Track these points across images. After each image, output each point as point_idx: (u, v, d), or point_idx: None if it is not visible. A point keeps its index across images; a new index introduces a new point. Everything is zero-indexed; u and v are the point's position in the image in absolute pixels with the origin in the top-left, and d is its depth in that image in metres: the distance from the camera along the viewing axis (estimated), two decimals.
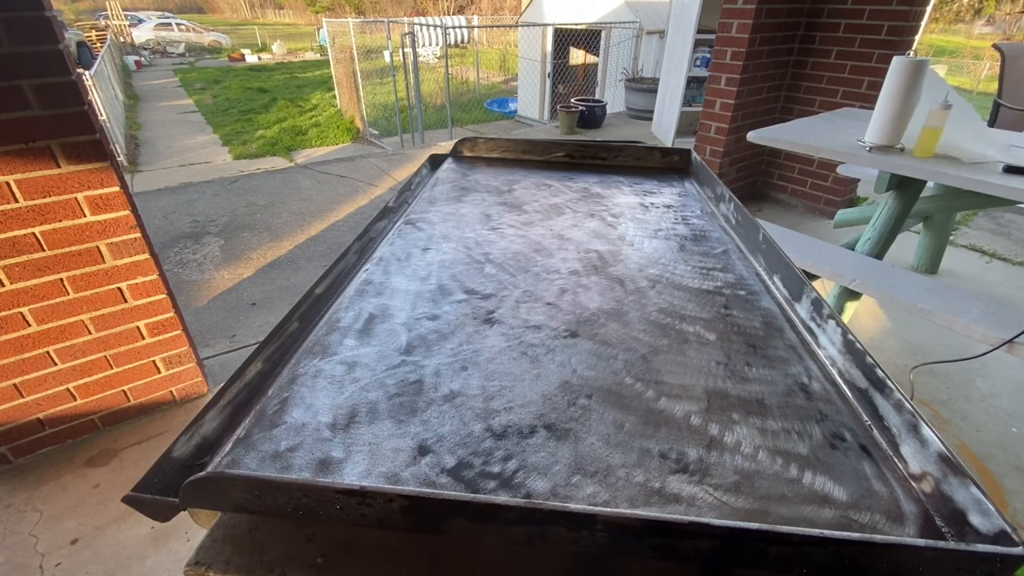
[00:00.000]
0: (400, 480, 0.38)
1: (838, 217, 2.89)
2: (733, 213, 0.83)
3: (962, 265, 3.00)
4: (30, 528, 1.47)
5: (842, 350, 0.51)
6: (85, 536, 1.46)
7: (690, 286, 0.65)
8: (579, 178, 1.04)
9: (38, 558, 1.40)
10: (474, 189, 0.97)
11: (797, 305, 0.60)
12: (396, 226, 0.82)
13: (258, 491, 0.34)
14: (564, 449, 0.41)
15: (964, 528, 0.35)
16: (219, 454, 0.40)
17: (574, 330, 0.56)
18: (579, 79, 7.50)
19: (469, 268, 0.69)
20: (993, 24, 22.64)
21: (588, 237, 0.78)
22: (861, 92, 3.25)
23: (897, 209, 2.26)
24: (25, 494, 1.56)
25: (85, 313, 1.56)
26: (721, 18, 3.24)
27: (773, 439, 0.42)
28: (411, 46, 5.93)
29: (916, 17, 3.04)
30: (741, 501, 0.37)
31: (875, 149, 1.87)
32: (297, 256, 3.00)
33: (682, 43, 4.84)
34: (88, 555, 1.41)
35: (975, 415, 1.94)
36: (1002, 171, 1.67)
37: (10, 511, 1.51)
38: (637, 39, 6.97)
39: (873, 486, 0.39)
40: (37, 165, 1.33)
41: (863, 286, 1.76)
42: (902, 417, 0.42)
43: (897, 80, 1.77)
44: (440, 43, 10.70)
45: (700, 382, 0.49)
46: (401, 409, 0.45)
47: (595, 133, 6.28)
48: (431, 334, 0.55)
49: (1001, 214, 3.65)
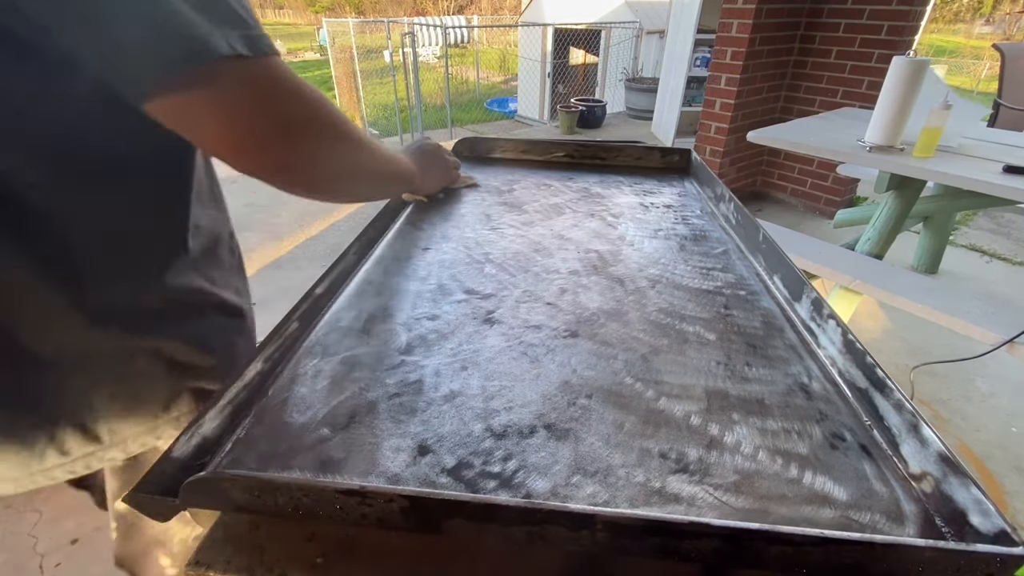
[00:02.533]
0: (400, 480, 0.38)
1: (838, 217, 2.89)
2: (733, 213, 0.83)
3: (962, 265, 3.00)
4: (30, 528, 1.47)
5: (842, 350, 0.51)
6: (85, 536, 1.46)
7: (690, 286, 0.65)
8: (579, 178, 1.04)
9: (38, 558, 1.40)
10: (474, 189, 0.97)
11: (797, 305, 0.60)
12: (396, 226, 0.82)
13: (258, 491, 0.34)
14: (564, 449, 0.41)
15: (964, 528, 0.35)
16: (219, 454, 0.40)
17: (574, 330, 0.56)
18: (579, 79, 7.50)
19: (469, 268, 0.69)
20: (993, 24, 22.65)
21: (588, 237, 0.78)
22: (861, 92, 3.25)
23: (897, 209, 2.27)
24: (25, 494, 1.56)
25: None
26: (721, 18, 3.24)
27: (773, 439, 0.42)
28: (411, 46, 5.93)
29: (916, 17, 3.04)
30: (741, 501, 0.37)
31: (875, 149, 1.87)
32: (297, 256, 3.00)
33: (682, 43, 4.84)
34: (88, 555, 1.41)
35: (975, 415, 1.94)
36: (1002, 171, 1.67)
37: (10, 511, 1.51)
38: (637, 39, 6.97)
39: (873, 486, 0.39)
40: None
41: (863, 286, 1.77)
42: (902, 417, 0.42)
43: (897, 80, 1.77)
44: (440, 43, 10.70)
45: (700, 382, 0.49)
46: (401, 409, 0.45)
47: (595, 133, 6.28)
48: (431, 334, 0.55)
49: (1001, 214, 3.65)
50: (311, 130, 0.45)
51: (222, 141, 0.41)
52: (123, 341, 0.49)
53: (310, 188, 0.49)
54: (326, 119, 0.47)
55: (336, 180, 0.53)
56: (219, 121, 0.40)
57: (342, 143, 0.50)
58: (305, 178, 0.48)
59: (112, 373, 0.50)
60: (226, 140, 0.41)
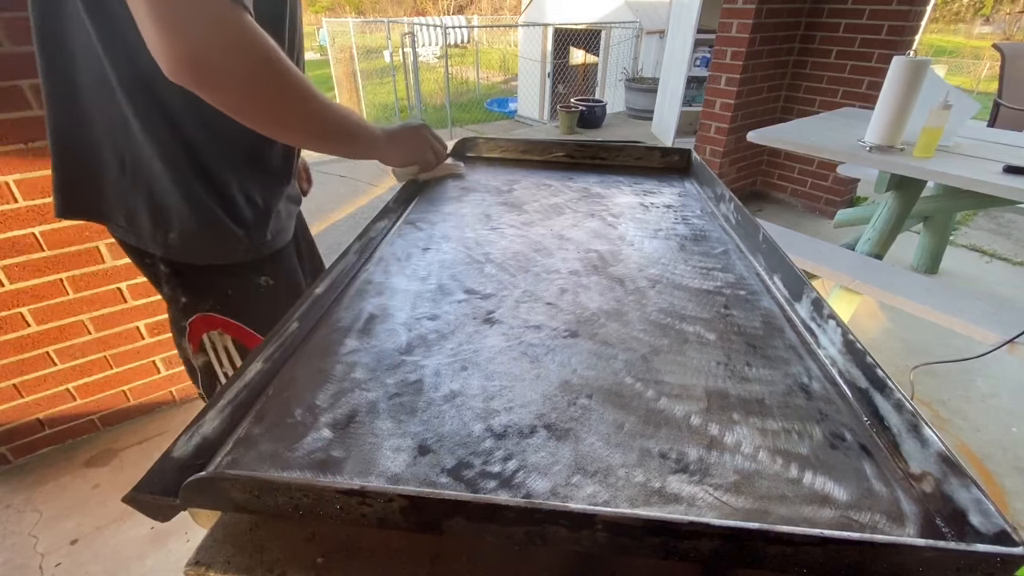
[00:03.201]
0: (400, 480, 0.38)
1: (838, 217, 2.89)
2: (733, 213, 0.83)
3: (962, 265, 3.00)
4: (30, 528, 1.47)
5: (842, 350, 0.51)
6: (85, 536, 1.46)
7: (690, 286, 0.65)
8: (579, 178, 1.04)
9: (38, 558, 1.40)
10: (474, 189, 0.97)
11: (797, 305, 0.60)
12: (396, 226, 0.82)
13: (258, 491, 0.34)
14: (564, 449, 0.41)
15: (964, 528, 0.35)
16: (219, 454, 0.40)
17: (574, 330, 0.56)
18: (579, 79, 7.50)
19: (469, 268, 0.69)
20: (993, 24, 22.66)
21: (588, 237, 0.78)
22: (861, 92, 3.25)
23: (897, 209, 2.27)
24: (25, 494, 1.56)
25: (85, 313, 1.56)
26: (721, 18, 3.24)
27: (773, 439, 0.42)
28: (411, 46, 5.93)
29: (916, 17, 3.04)
30: (741, 501, 0.37)
31: (875, 149, 1.87)
32: None
33: (682, 43, 4.85)
34: (88, 555, 1.41)
35: (975, 415, 1.94)
36: (1002, 171, 1.67)
37: (10, 511, 1.51)
38: (637, 39, 6.97)
39: (873, 486, 0.39)
40: (37, 165, 1.33)
41: (863, 286, 1.77)
42: (902, 417, 0.42)
43: (897, 80, 1.77)
44: (440, 43, 10.70)
45: (700, 382, 0.49)
46: (401, 409, 0.45)
47: (595, 133, 6.28)
48: (431, 334, 0.55)
49: (1001, 214, 3.65)
50: (249, 58, 0.55)
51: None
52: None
53: (243, 112, 0.59)
54: (276, 64, 0.58)
55: (272, 109, 0.61)
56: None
57: (284, 79, 0.59)
58: (237, 97, 0.57)
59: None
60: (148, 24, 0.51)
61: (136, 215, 0.72)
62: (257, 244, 0.78)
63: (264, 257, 0.79)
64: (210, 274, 0.77)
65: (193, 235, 0.72)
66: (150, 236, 0.72)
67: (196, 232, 0.72)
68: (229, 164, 0.72)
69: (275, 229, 0.80)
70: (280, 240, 0.82)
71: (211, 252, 0.75)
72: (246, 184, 0.75)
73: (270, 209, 0.79)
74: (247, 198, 0.75)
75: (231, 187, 0.73)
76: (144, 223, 0.72)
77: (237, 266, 0.77)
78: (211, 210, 0.72)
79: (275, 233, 0.80)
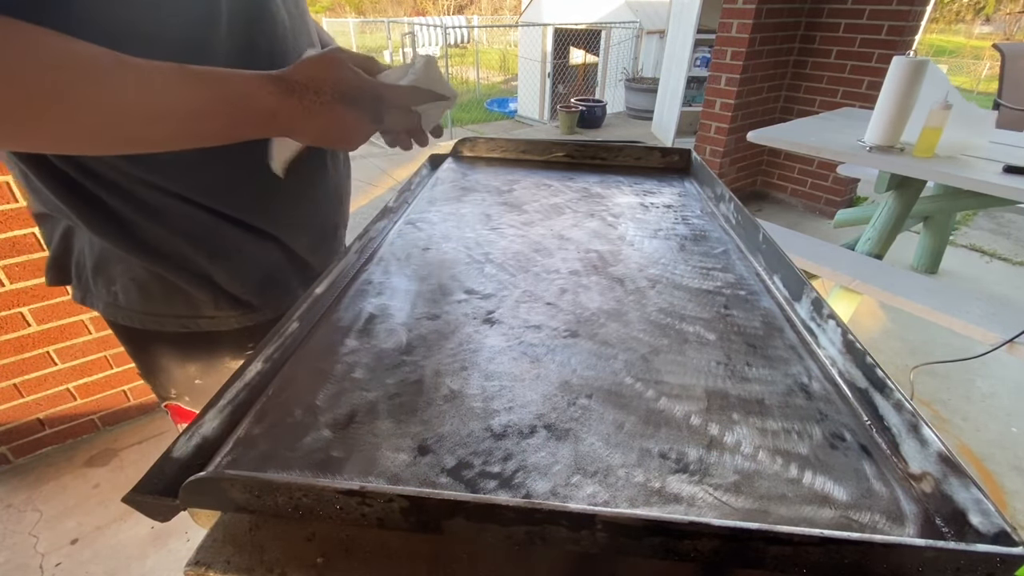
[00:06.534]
0: (400, 480, 0.38)
1: (838, 217, 2.89)
2: (733, 213, 0.83)
3: (962, 265, 3.00)
4: (30, 528, 1.47)
5: (842, 350, 0.51)
6: (85, 536, 1.46)
7: (690, 286, 0.65)
8: (579, 178, 1.04)
9: (38, 558, 1.40)
10: (474, 189, 0.97)
11: (797, 305, 0.60)
12: (396, 226, 0.82)
13: (258, 491, 0.34)
14: (564, 449, 0.41)
15: (964, 528, 0.35)
16: (219, 454, 0.40)
17: (574, 330, 0.56)
18: (579, 79, 7.50)
19: (469, 268, 0.69)
20: (993, 24, 22.65)
21: (588, 237, 0.78)
22: (861, 92, 3.26)
23: (897, 209, 2.27)
24: (25, 494, 1.56)
25: (85, 313, 1.56)
26: (721, 18, 3.24)
27: (773, 439, 0.42)
28: (411, 46, 5.93)
29: (916, 17, 3.04)
30: (741, 501, 0.37)
31: (875, 149, 1.87)
32: None
33: (682, 43, 4.85)
34: (88, 555, 1.41)
35: (975, 415, 1.94)
36: (1002, 171, 1.67)
37: (10, 511, 1.51)
38: (637, 39, 6.97)
39: (873, 486, 0.39)
40: None
41: (863, 286, 1.77)
42: (902, 417, 0.42)
43: (897, 80, 1.77)
44: (440, 43, 10.70)
45: (700, 382, 0.49)
46: (401, 409, 0.45)
47: (595, 133, 6.28)
48: (431, 334, 0.55)
49: (1001, 214, 3.65)
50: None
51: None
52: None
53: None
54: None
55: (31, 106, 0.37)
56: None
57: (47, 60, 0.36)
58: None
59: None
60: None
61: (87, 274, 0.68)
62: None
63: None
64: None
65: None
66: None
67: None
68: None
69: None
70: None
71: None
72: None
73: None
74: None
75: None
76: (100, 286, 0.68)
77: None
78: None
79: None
